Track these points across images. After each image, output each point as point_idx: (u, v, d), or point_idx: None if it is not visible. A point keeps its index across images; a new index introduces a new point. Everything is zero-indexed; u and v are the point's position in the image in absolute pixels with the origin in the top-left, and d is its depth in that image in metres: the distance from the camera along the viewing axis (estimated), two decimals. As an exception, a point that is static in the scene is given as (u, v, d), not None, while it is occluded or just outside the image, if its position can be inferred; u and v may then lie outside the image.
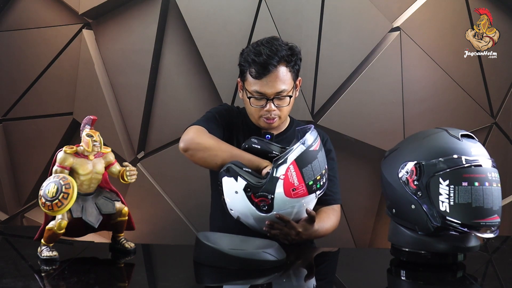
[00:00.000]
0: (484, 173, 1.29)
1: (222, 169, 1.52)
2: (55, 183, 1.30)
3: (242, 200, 1.48)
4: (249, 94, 1.68)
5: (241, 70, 1.73)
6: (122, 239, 1.46)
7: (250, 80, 1.68)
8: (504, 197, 2.38)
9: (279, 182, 1.44)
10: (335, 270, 1.46)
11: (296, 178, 1.44)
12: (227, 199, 1.52)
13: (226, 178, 1.51)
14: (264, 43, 1.69)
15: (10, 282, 1.19)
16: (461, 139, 1.33)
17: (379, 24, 2.27)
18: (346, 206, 2.30)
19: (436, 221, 1.31)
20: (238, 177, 1.48)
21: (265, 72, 1.64)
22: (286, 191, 1.45)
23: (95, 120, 1.39)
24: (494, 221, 1.30)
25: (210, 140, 1.61)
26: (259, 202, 1.47)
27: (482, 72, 2.33)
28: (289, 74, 1.68)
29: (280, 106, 1.69)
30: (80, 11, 2.29)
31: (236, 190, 1.48)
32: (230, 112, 1.80)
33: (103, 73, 2.31)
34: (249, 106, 1.72)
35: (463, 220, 1.28)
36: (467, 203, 1.28)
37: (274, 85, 1.65)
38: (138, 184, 2.14)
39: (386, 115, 2.30)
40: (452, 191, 1.29)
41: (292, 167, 1.44)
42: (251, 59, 1.66)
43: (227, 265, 1.30)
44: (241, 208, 1.50)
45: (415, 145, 1.39)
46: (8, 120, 2.37)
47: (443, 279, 1.31)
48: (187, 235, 2.27)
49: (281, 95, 1.67)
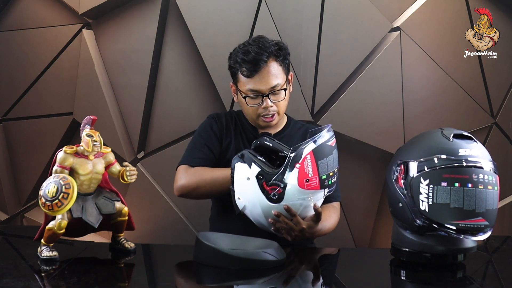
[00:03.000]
0: (468, 174, 1.27)
1: (236, 155, 1.51)
2: (55, 183, 1.30)
3: (253, 187, 1.46)
4: (244, 94, 1.68)
5: (232, 73, 1.74)
6: (122, 239, 1.46)
7: (243, 80, 1.68)
8: (504, 197, 2.38)
9: (294, 171, 1.43)
10: (335, 270, 1.46)
11: (311, 169, 1.43)
12: (237, 186, 1.50)
13: (239, 164, 1.49)
14: (250, 42, 1.70)
15: (10, 282, 1.19)
16: (452, 139, 1.32)
17: (379, 24, 2.27)
18: (346, 206, 2.30)
19: (419, 220, 1.32)
20: (252, 163, 1.46)
21: (256, 68, 1.65)
22: (300, 181, 1.43)
23: (95, 120, 1.38)
24: (476, 223, 1.27)
25: (194, 177, 1.69)
26: (270, 191, 1.45)
27: (482, 72, 2.33)
28: (280, 68, 1.69)
29: (276, 101, 1.69)
30: (80, 11, 2.29)
31: (249, 176, 1.46)
32: (217, 121, 1.81)
33: (103, 73, 2.31)
34: (246, 107, 1.71)
35: (441, 220, 1.29)
36: (445, 203, 1.28)
37: (268, 81, 1.66)
38: (138, 184, 2.14)
39: (386, 115, 2.30)
40: (431, 190, 1.29)
41: (309, 157, 1.43)
42: (240, 59, 1.67)
43: (227, 265, 1.30)
44: (250, 196, 1.48)
45: (410, 144, 1.41)
46: (8, 120, 2.37)
47: (443, 279, 1.31)
48: (187, 235, 2.27)
49: (275, 90, 1.67)
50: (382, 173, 2.31)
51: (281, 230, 1.51)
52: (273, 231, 1.52)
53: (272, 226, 1.51)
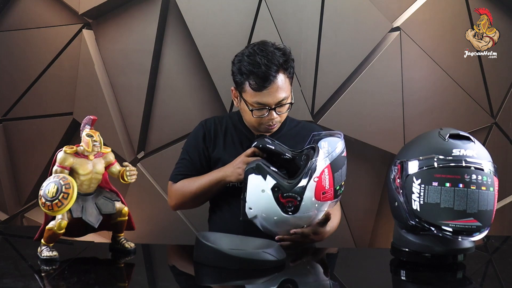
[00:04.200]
0: (459, 174, 1.27)
1: (249, 166, 1.47)
2: (55, 183, 1.30)
3: (268, 200, 1.44)
4: (250, 107, 1.67)
5: (237, 81, 1.70)
6: (122, 239, 1.47)
7: (249, 92, 1.65)
8: (504, 197, 2.38)
9: (311, 184, 1.42)
10: (335, 270, 1.46)
11: (328, 182, 1.43)
12: (250, 197, 1.47)
13: (253, 176, 1.46)
14: (257, 51, 1.65)
15: (10, 282, 1.20)
16: (447, 139, 1.32)
17: (379, 24, 2.27)
18: (346, 206, 2.30)
19: (412, 219, 1.32)
20: (268, 175, 1.44)
21: (265, 84, 1.62)
22: (317, 194, 1.43)
23: (95, 120, 1.39)
24: (467, 224, 1.27)
25: (176, 195, 1.75)
26: (286, 203, 1.44)
27: (482, 72, 2.33)
28: (287, 80, 1.67)
29: (281, 112, 1.69)
30: (80, 11, 2.29)
31: (263, 188, 1.44)
32: (205, 128, 1.81)
33: (103, 73, 2.31)
34: (249, 117, 1.70)
35: (431, 220, 1.29)
36: (435, 203, 1.28)
37: (276, 95, 1.64)
38: (138, 184, 2.15)
39: (386, 115, 2.30)
40: (422, 190, 1.30)
41: (326, 170, 1.43)
42: (248, 70, 1.63)
43: (227, 265, 1.30)
44: (264, 208, 1.46)
45: (409, 144, 1.42)
46: (8, 120, 2.37)
47: (443, 279, 1.31)
48: (187, 235, 2.27)
49: (282, 103, 1.67)
50: (382, 173, 2.32)
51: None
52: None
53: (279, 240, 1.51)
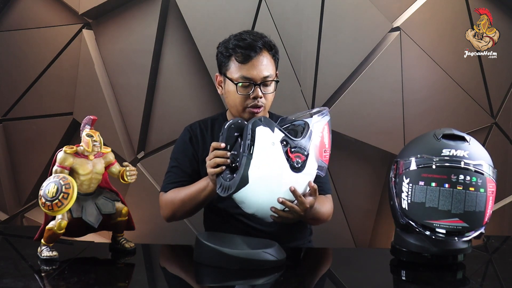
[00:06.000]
0: (446, 175, 1.27)
1: (253, 119, 1.36)
2: (55, 183, 1.30)
3: (278, 153, 1.35)
4: (235, 82, 1.66)
5: (221, 61, 1.70)
6: (122, 239, 1.47)
7: (235, 67, 1.65)
8: (504, 197, 2.38)
9: (316, 139, 1.39)
10: (335, 270, 1.46)
11: (327, 140, 1.41)
12: (259, 152, 1.34)
13: (262, 128, 1.34)
14: (243, 32, 1.70)
15: (10, 282, 1.19)
16: (440, 139, 1.32)
17: (379, 24, 2.27)
18: (346, 206, 2.30)
19: (402, 218, 1.33)
20: (275, 128, 1.36)
21: (251, 54, 1.63)
22: (320, 151, 1.41)
23: (95, 120, 1.38)
24: (452, 224, 1.27)
25: (167, 207, 1.72)
26: (294, 158, 1.37)
27: (482, 72, 2.33)
28: (272, 61, 1.68)
29: (266, 93, 1.67)
30: (80, 11, 2.29)
31: (273, 141, 1.35)
32: (192, 132, 1.79)
33: (103, 73, 2.31)
34: (234, 97, 1.67)
35: (417, 219, 1.30)
36: (421, 202, 1.29)
37: (261, 69, 1.64)
38: (138, 184, 2.14)
39: (386, 115, 2.30)
40: (410, 189, 1.31)
41: (326, 127, 1.41)
42: (234, 45, 1.65)
43: (227, 265, 1.30)
44: (273, 162, 1.35)
45: (407, 144, 1.43)
46: (8, 120, 2.37)
47: (443, 279, 1.31)
48: (187, 235, 2.27)
49: (267, 80, 1.66)
50: (382, 173, 2.32)
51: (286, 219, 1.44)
52: (272, 219, 1.44)
53: (272, 217, 1.43)
